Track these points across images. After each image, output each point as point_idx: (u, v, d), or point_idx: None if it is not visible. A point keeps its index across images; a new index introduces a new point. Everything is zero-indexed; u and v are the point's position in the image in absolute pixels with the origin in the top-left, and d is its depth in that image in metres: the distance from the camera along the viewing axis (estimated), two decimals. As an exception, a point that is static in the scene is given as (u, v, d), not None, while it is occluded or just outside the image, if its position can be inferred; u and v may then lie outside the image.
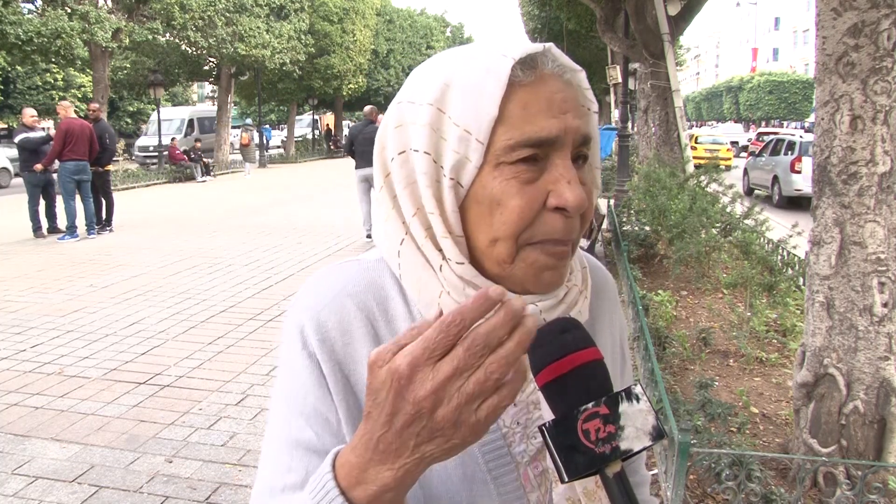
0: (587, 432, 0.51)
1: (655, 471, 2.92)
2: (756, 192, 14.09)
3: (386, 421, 0.47)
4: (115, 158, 10.37)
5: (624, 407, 0.53)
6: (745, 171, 15.41)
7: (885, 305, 2.42)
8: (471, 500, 0.64)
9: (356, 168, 8.83)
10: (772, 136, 16.21)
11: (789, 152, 13.15)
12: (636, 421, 0.53)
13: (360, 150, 8.50)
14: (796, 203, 12.34)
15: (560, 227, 0.60)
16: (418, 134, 0.62)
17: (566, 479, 0.51)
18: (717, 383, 3.64)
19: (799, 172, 12.20)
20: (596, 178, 0.67)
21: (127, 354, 4.52)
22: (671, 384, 3.59)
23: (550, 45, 0.63)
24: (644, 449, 0.53)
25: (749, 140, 29.17)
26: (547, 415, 0.63)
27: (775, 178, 13.07)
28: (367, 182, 8.67)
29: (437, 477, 0.65)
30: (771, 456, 2.70)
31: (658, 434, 0.53)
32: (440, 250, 0.63)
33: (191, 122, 26.13)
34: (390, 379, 0.46)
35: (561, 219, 0.60)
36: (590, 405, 0.52)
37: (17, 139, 9.28)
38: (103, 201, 9.82)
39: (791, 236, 5.47)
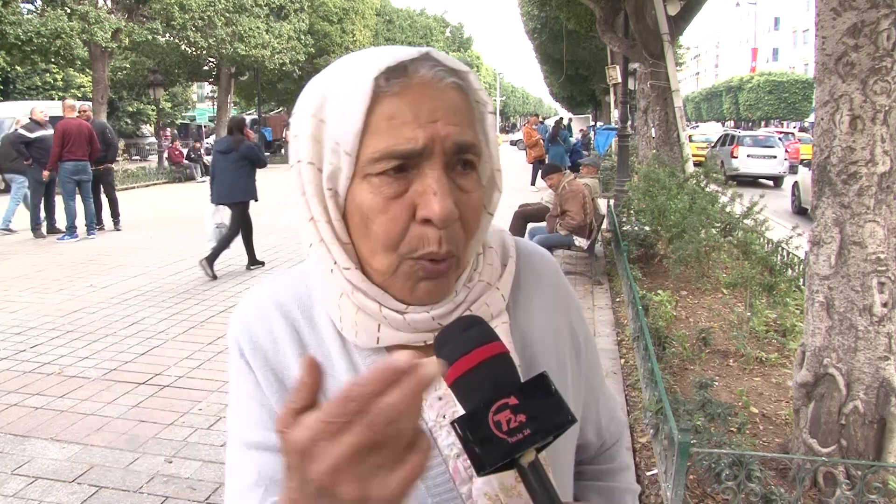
0: (498, 423, 0.51)
1: (655, 471, 2.92)
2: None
3: (297, 488, 0.44)
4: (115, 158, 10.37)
5: (534, 396, 0.53)
6: (706, 159, 17.27)
7: (884, 305, 2.42)
8: None
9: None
10: (723, 133, 22.25)
11: (730, 144, 19.01)
12: (546, 409, 0.53)
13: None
14: (734, 178, 16.29)
15: (433, 238, 0.59)
16: (304, 145, 0.63)
17: (481, 472, 0.51)
18: (716, 383, 3.64)
19: (736, 157, 17.98)
20: (497, 179, 0.68)
21: (127, 354, 4.52)
22: (671, 384, 3.59)
23: (428, 49, 0.62)
24: (556, 437, 0.53)
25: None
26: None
27: (722, 163, 17.97)
28: None
29: None
30: (771, 456, 2.70)
31: (568, 419, 0.53)
32: (331, 255, 0.65)
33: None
34: (292, 450, 0.43)
35: (432, 231, 0.59)
36: (499, 397, 0.52)
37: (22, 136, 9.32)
38: (105, 200, 9.84)
39: (791, 237, 5.47)
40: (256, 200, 6.99)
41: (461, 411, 0.64)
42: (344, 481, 0.42)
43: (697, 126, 45.77)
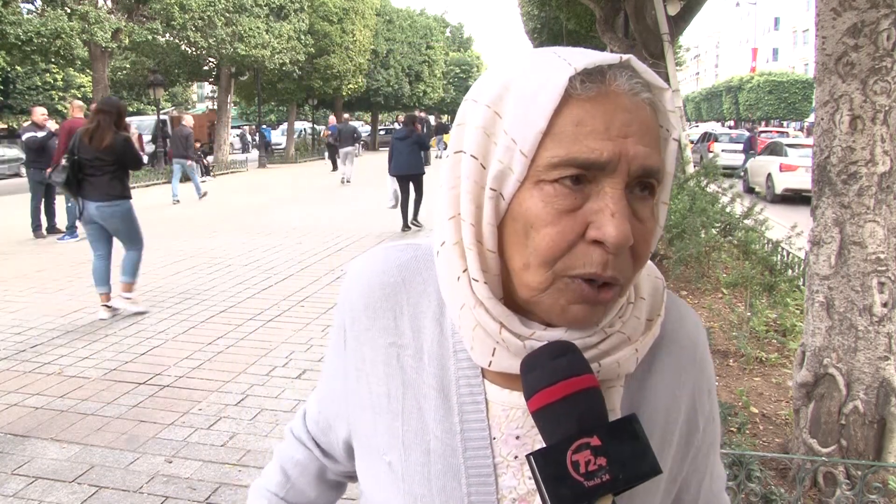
0: (576, 464, 0.49)
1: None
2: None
3: None
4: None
5: (618, 439, 0.50)
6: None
7: (884, 305, 2.42)
8: None
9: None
10: (704, 132, 26.10)
11: (709, 140, 23.04)
12: (630, 455, 0.50)
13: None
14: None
15: (599, 261, 0.54)
16: (472, 136, 0.58)
17: None
18: (717, 383, 3.64)
19: (712, 152, 19.60)
20: (660, 214, 0.60)
21: (127, 354, 4.52)
22: (671, 384, 3.58)
23: (630, 57, 0.56)
24: (635, 484, 0.50)
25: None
26: None
27: (701, 157, 19.83)
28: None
29: (418, 475, 0.64)
30: (771, 456, 2.70)
31: (653, 470, 0.50)
32: (465, 261, 0.60)
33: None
34: None
35: (601, 252, 0.53)
36: (581, 435, 0.50)
37: (24, 137, 9.35)
38: None
39: (791, 237, 5.47)
40: (424, 174, 9.67)
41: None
42: None
43: (697, 126, 46.23)
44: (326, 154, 24.29)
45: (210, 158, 22.10)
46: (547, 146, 0.53)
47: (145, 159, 18.38)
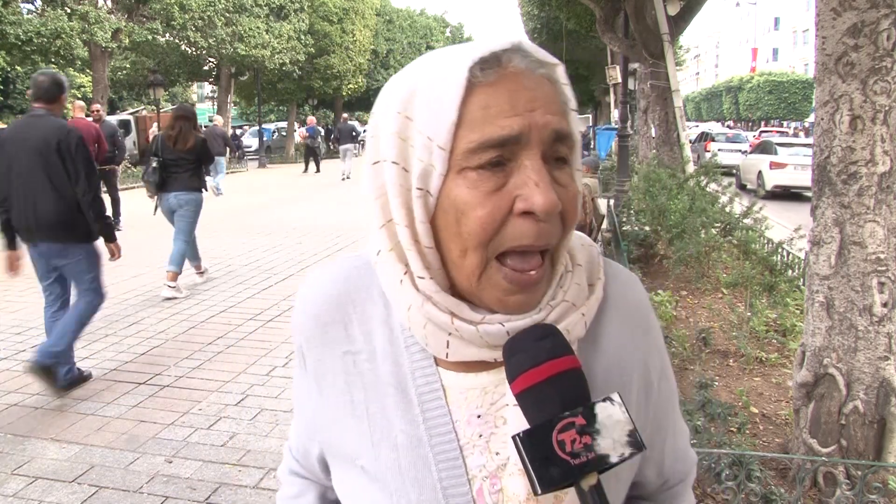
0: (562, 443, 0.50)
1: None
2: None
3: None
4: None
5: (601, 417, 0.51)
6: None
7: (884, 305, 2.42)
8: (418, 502, 0.64)
9: None
10: (701, 132, 26.41)
11: (704, 140, 23.37)
12: (614, 432, 0.51)
13: None
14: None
15: (530, 233, 0.57)
16: (388, 143, 0.60)
17: (539, 492, 0.50)
18: (716, 383, 3.64)
19: (709, 151, 19.65)
20: (578, 179, 0.64)
21: (127, 354, 4.52)
22: (671, 384, 3.58)
23: (520, 40, 0.59)
24: (621, 461, 0.51)
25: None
26: (513, 432, 0.63)
27: (699, 156, 19.60)
28: None
29: (389, 471, 0.65)
30: (771, 456, 2.70)
31: (636, 445, 0.51)
32: (406, 263, 0.63)
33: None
34: None
35: (531, 223, 0.56)
36: (565, 415, 0.50)
37: None
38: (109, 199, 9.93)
39: (793, 238, 5.47)
40: None
41: (500, 433, 0.64)
42: None
43: (697, 126, 46.46)
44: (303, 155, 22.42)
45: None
46: (461, 135, 0.56)
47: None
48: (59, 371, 3.73)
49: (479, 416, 0.65)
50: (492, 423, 0.64)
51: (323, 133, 33.79)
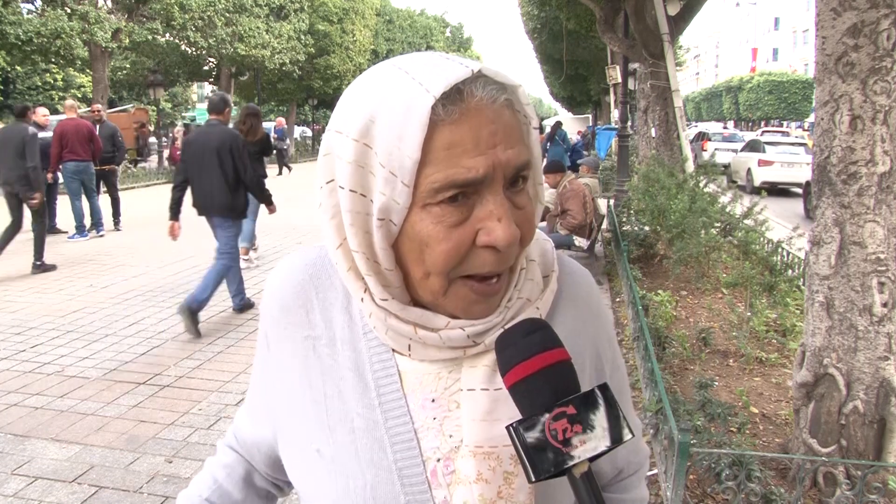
0: (554, 432, 0.51)
1: (655, 470, 2.92)
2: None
3: None
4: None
5: (591, 407, 0.53)
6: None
7: (884, 305, 2.42)
8: (374, 483, 0.66)
9: None
10: (698, 131, 26.67)
11: (701, 139, 23.67)
12: (603, 420, 0.53)
13: None
14: (702, 166, 19.48)
15: (492, 262, 0.59)
16: (344, 171, 0.60)
17: (533, 479, 0.52)
18: (716, 383, 3.64)
19: (705, 150, 20.18)
20: (539, 193, 0.66)
21: (127, 354, 4.52)
22: (671, 384, 3.59)
23: (480, 66, 0.59)
24: (610, 448, 0.53)
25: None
26: (466, 415, 0.65)
27: (696, 155, 20.14)
28: None
29: (346, 453, 0.67)
30: (771, 456, 2.70)
31: (624, 432, 0.54)
32: (364, 282, 0.64)
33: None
34: None
35: (491, 254, 0.59)
36: (557, 405, 0.52)
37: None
38: (107, 200, 9.92)
39: (792, 238, 5.47)
40: None
41: (453, 416, 0.67)
42: None
43: (696, 126, 46.53)
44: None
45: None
46: (425, 173, 0.57)
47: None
48: (198, 316, 4.92)
49: (433, 401, 0.67)
50: (445, 407, 0.67)
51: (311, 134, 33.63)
